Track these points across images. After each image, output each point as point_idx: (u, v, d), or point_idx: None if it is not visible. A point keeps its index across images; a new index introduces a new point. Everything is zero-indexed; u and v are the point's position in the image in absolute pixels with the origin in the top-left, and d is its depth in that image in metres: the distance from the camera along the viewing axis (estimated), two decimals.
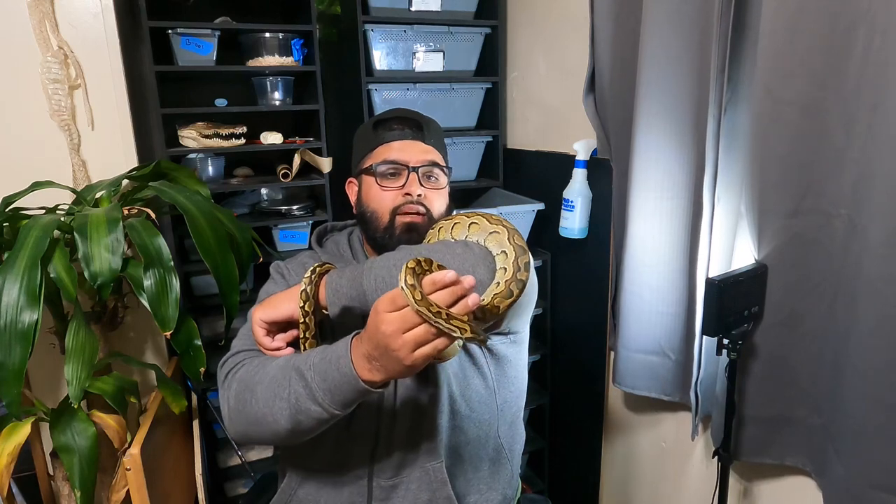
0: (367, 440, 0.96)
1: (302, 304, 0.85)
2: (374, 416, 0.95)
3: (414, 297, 0.67)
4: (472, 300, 0.69)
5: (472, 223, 0.89)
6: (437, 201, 1.00)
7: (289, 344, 0.88)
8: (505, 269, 0.82)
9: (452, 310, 0.68)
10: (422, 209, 0.98)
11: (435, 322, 0.67)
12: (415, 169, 0.98)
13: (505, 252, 0.84)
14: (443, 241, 0.92)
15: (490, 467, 1.03)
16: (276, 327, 0.88)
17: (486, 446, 1.02)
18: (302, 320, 0.85)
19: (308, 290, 0.85)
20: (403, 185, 0.98)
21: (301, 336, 0.87)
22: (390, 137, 1.01)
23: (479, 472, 1.02)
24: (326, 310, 0.87)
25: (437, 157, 1.02)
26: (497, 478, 1.04)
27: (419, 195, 0.98)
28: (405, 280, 0.68)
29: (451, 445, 0.98)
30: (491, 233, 0.87)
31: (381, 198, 0.99)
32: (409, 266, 0.69)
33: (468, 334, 0.67)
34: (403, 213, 0.98)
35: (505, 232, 0.85)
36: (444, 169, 1.02)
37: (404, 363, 0.69)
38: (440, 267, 0.73)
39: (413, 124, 1.03)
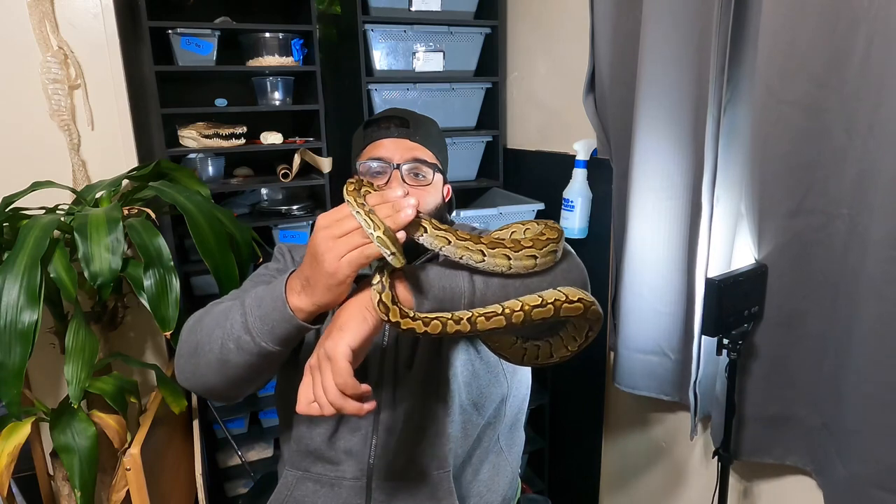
0: (365, 441, 0.94)
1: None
2: (371, 415, 0.94)
3: (347, 188, 0.73)
4: (407, 212, 0.70)
5: (526, 229, 0.86)
6: (424, 199, 0.98)
7: None
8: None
9: (388, 219, 0.69)
10: None
11: (356, 210, 0.70)
12: (398, 166, 0.98)
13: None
14: None
15: (490, 470, 1.03)
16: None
17: (487, 450, 1.02)
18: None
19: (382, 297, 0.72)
20: (387, 184, 0.97)
21: None
22: (378, 136, 1.01)
23: (478, 475, 1.01)
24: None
25: (424, 153, 1.01)
26: (497, 480, 1.04)
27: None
28: (348, 181, 0.74)
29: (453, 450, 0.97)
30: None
31: None
32: (354, 179, 0.76)
33: (379, 233, 0.68)
34: None
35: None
36: (433, 166, 1.01)
37: (328, 269, 0.70)
38: None
39: (400, 122, 1.02)
